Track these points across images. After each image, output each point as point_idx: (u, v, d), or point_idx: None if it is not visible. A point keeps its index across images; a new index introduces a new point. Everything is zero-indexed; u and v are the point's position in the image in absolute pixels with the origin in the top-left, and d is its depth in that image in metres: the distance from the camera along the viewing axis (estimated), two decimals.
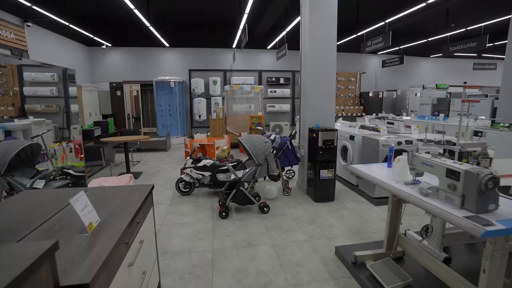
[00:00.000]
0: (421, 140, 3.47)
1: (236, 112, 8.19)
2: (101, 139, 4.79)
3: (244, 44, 5.55)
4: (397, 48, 9.57)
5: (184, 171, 4.00)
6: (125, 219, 1.37)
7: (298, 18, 6.68)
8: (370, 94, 10.24)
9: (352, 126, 5.38)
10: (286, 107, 10.06)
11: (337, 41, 3.87)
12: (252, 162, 3.57)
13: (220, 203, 3.57)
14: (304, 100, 4.13)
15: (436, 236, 2.27)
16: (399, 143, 3.64)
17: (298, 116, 5.84)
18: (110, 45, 8.82)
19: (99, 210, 1.46)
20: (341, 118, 6.66)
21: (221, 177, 3.45)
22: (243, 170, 3.50)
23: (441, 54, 10.96)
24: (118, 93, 9.28)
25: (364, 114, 10.24)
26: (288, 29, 7.03)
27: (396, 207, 2.29)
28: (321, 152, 3.73)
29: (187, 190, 4.10)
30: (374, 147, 3.72)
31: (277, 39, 8.18)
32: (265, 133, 4.63)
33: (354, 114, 10.32)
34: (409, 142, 3.68)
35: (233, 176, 3.36)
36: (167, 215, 3.46)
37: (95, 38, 7.79)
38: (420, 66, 11.53)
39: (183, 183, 4.07)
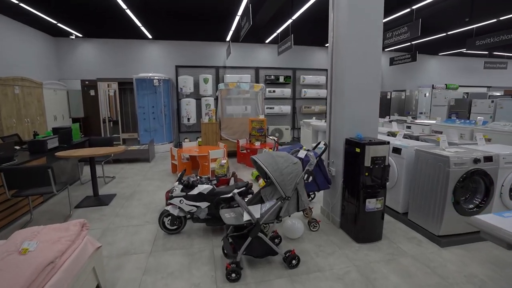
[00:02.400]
0: None
1: (231, 115, 7.02)
2: (56, 154, 3.51)
3: (246, 30, 4.41)
4: (408, 44, 8.69)
5: (171, 201, 2.81)
6: None
7: (308, 5, 5.62)
8: None
9: (381, 132, 4.36)
10: (287, 108, 8.98)
11: None
12: (272, 191, 2.44)
13: (225, 253, 2.42)
14: (337, 102, 3.03)
15: None
16: (477, 160, 2.60)
17: (316, 122, 4.83)
18: (80, 35, 7.45)
19: None
20: None
21: (227, 217, 2.28)
22: (260, 205, 2.36)
23: (450, 52, 10.21)
24: (92, 92, 7.92)
25: None
26: (294, 17, 5.95)
27: None
28: (367, 173, 2.64)
29: (174, 228, 2.91)
30: (439, 167, 2.66)
31: (279, 30, 7.09)
32: (278, 144, 3.48)
33: None
34: (487, 159, 2.65)
35: (246, 217, 2.20)
36: (145, 275, 2.26)
37: (60, 25, 6.42)
38: (427, 65, 10.75)
39: (169, 218, 2.88)
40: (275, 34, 7.49)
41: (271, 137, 3.89)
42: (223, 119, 6.74)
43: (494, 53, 10.12)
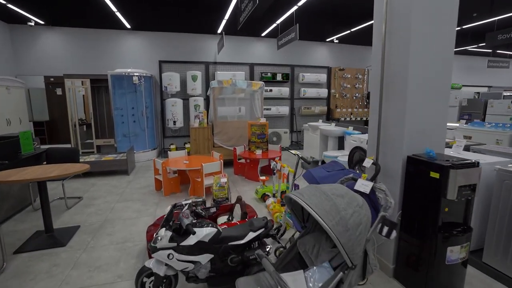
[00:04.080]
0: None
1: (225, 118, 6.07)
2: None
3: (250, 12, 3.48)
4: None
5: (156, 255, 1.84)
6: None
7: None
8: None
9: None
10: (284, 110, 8.10)
11: (343, 32, 2.12)
12: (316, 244, 1.54)
13: None
14: (392, 106, 2.17)
15: None
16: None
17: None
18: (42, 22, 6.23)
19: None
20: None
21: None
22: (302, 272, 1.44)
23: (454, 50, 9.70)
24: (58, 91, 6.73)
25: None
26: (300, 3, 5.08)
27: None
28: (447, 209, 1.80)
29: None
30: None
31: (279, 21, 6.20)
32: (308, 163, 2.57)
33: (364, 118, 8.68)
34: None
35: None
36: None
37: (11, 6, 5.22)
38: None
39: (151, 279, 1.91)
40: (274, 25, 6.59)
41: (293, 152, 2.92)
42: (216, 123, 5.78)
43: (498, 51, 9.72)
